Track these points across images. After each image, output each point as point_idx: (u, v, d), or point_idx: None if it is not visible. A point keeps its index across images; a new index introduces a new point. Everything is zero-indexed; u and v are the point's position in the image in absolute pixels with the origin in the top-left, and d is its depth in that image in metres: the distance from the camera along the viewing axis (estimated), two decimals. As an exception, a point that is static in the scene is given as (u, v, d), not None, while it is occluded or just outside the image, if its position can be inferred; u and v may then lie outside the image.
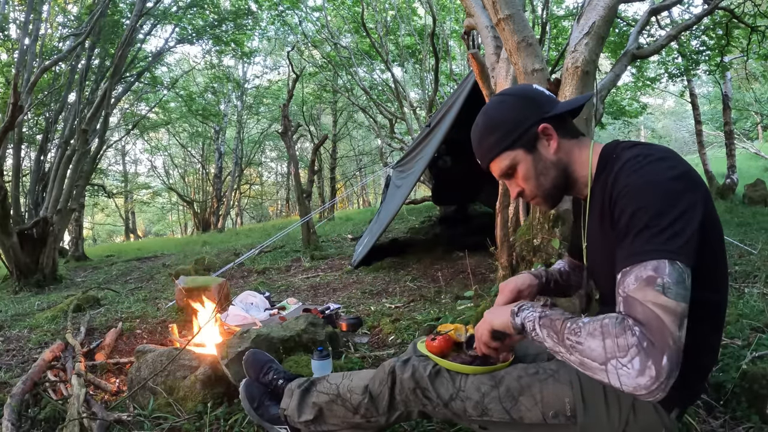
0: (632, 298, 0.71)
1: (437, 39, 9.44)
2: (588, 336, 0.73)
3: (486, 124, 0.98)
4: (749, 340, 1.77)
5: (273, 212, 25.34)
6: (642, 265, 0.72)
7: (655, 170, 0.78)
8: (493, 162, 0.99)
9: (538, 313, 0.86)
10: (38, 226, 5.19)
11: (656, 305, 0.69)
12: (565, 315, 0.83)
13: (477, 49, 2.96)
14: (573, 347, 0.76)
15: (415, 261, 4.72)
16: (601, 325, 0.72)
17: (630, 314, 0.71)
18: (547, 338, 0.82)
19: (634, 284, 0.72)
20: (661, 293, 0.69)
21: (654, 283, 0.70)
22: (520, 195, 1.00)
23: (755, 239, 4.25)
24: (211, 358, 1.78)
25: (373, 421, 1.10)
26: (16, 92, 4.12)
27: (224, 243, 9.05)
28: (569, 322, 0.79)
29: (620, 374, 0.68)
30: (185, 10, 8.59)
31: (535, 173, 0.95)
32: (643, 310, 0.69)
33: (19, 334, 2.96)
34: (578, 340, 0.75)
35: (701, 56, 7.51)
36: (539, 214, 2.53)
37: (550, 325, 0.82)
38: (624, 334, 0.69)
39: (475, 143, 1.01)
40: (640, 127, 24.29)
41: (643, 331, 0.68)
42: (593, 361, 0.72)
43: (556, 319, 0.82)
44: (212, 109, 13.67)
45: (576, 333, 0.76)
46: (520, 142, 0.94)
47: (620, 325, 0.70)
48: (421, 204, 9.94)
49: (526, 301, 0.94)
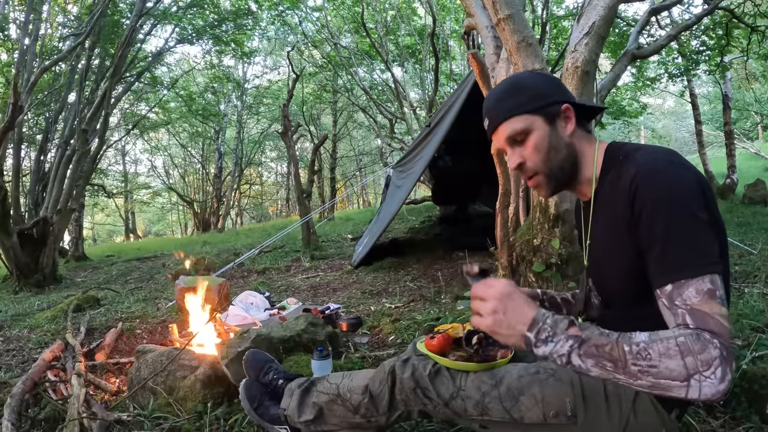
0: (701, 312, 0.72)
1: (437, 39, 9.45)
2: (663, 357, 0.70)
3: (511, 86, 0.96)
4: (749, 340, 1.77)
5: (273, 212, 25.34)
6: (700, 279, 0.73)
7: (681, 177, 0.80)
8: (506, 122, 0.93)
9: (570, 343, 0.75)
10: (38, 226, 5.19)
11: (722, 317, 0.72)
12: (609, 335, 0.75)
13: (477, 49, 2.96)
14: (644, 372, 0.71)
15: (415, 261, 4.72)
16: (677, 344, 0.70)
17: (704, 328, 0.71)
18: (595, 368, 0.74)
19: (697, 297, 0.73)
20: (722, 305, 0.73)
21: (715, 296, 0.73)
22: (519, 167, 0.95)
23: (755, 239, 4.25)
24: (211, 358, 1.78)
25: (373, 420, 1.10)
26: (16, 92, 4.12)
27: (224, 243, 9.05)
28: (625, 345, 0.73)
29: (703, 386, 0.68)
30: (185, 10, 8.59)
31: (548, 146, 0.92)
32: (715, 323, 0.71)
33: (19, 334, 2.96)
34: (651, 364, 0.70)
35: (701, 56, 7.52)
36: (539, 213, 2.53)
37: (599, 354, 0.73)
38: (706, 349, 0.69)
39: (491, 102, 0.96)
40: (640, 127, 24.28)
41: (722, 342, 0.69)
42: (673, 380, 0.69)
43: (604, 345, 0.74)
44: (212, 109, 13.67)
45: (645, 357, 0.71)
46: (542, 111, 0.92)
47: (699, 341, 0.69)
48: (421, 204, 9.94)
49: (540, 315, 0.79)
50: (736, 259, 3.54)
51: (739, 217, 5.96)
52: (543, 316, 0.78)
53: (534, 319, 0.78)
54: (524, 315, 0.79)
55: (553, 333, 0.76)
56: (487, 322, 0.80)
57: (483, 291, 0.82)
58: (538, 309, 0.80)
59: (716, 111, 16.30)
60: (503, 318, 0.79)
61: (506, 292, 0.81)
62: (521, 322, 0.78)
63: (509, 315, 0.79)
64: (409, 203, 9.49)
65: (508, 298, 0.80)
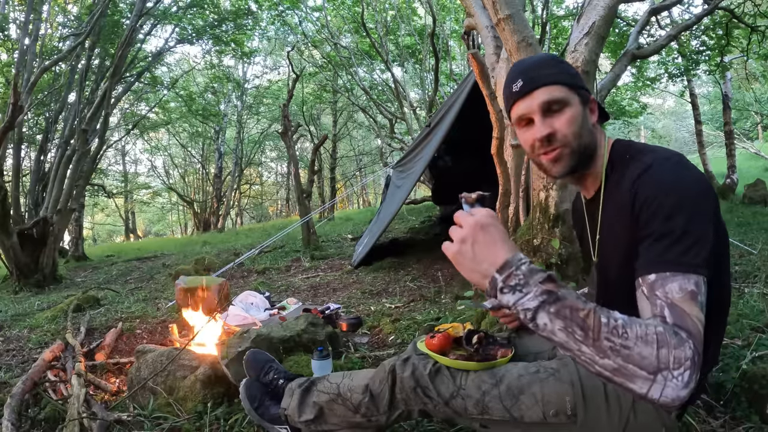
0: (681, 309, 0.69)
1: (437, 39, 9.45)
2: (639, 341, 0.65)
3: (555, 58, 0.96)
4: (749, 340, 1.77)
5: (273, 212, 25.34)
6: (686, 277, 0.72)
7: (684, 177, 0.80)
8: (547, 86, 0.89)
9: (542, 298, 0.68)
10: (38, 226, 5.19)
11: (700, 322, 0.69)
12: (587, 303, 0.69)
13: (477, 49, 2.96)
14: (615, 351, 0.65)
15: (415, 261, 4.72)
16: (656, 332, 0.65)
17: (681, 326, 0.68)
18: (561, 332, 0.68)
19: (679, 294, 0.70)
20: (701, 311, 0.70)
21: (696, 299, 0.71)
22: (548, 137, 0.89)
23: (755, 239, 4.25)
24: (211, 358, 1.78)
25: (373, 420, 1.10)
26: (16, 92, 4.12)
27: (224, 243, 9.05)
28: (603, 316, 0.67)
29: (667, 385, 0.64)
30: (185, 10, 8.59)
31: (581, 123, 0.91)
32: (693, 325, 0.68)
33: (19, 334, 2.96)
34: (625, 344, 0.65)
35: (701, 56, 7.52)
36: (539, 213, 2.53)
37: (571, 318, 0.67)
38: (682, 346, 0.65)
39: (531, 65, 0.93)
40: (640, 127, 24.28)
41: (696, 346, 0.66)
42: (641, 369, 0.64)
43: (580, 309, 0.67)
44: (212, 109, 13.67)
45: (621, 335, 0.65)
46: (579, 91, 0.92)
47: (677, 337, 0.66)
48: (421, 204, 9.94)
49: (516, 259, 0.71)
50: (736, 259, 3.54)
51: (739, 217, 5.96)
52: (518, 261, 0.71)
53: (507, 261, 0.70)
54: (495, 254, 0.72)
55: (525, 282, 0.69)
56: (452, 249, 0.74)
57: (462, 217, 0.76)
58: (516, 252, 0.72)
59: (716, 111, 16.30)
60: (469, 249, 0.73)
61: (483, 223, 0.73)
62: (489, 260, 0.72)
63: (478, 248, 0.73)
64: (409, 203, 9.49)
65: (483, 230, 0.73)
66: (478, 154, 4.60)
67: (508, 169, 2.73)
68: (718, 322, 0.90)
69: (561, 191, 2.46)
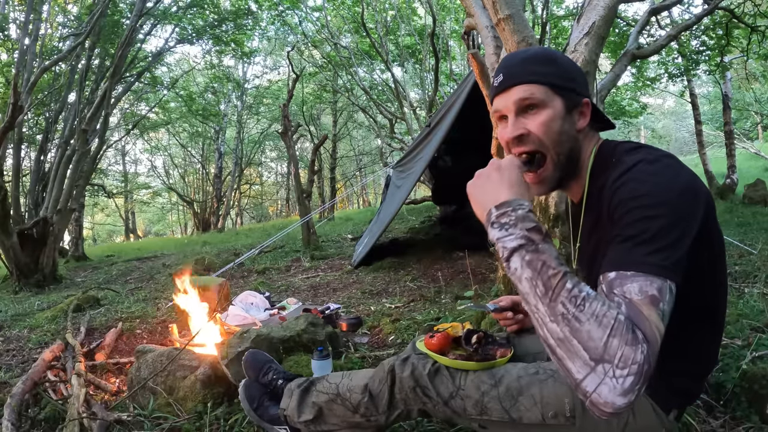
0: (638, 311, 0.64)
1: (437, 39, 9.45)
2: (593, 319, 0.62)
3: (544, 54, 0.88)
4: (749, 340, 1.76)
5: (273, 212, 25.35)
6: (648, 280, 0.66)
7: (665, 179, 0.74)
8: (525, 84, 0.85)
9: (521, 242, 0.69)
10: (38, 226, 5.19)
11: (657, 329, 0.64)
12: (562, 265, 0.67)
13: (477, 49, 2.95)
14: (566, 319, 0.63)
15: (415, 261, 4.72)
16: (615, 319, 0.61)
17: (638, 326, 0.62)
18: (526, 282, 0.67)
19: (639, 295, 0.65)
20: (661, 319, 0.65)
21: (657, 305, 0.65)
22: (519, 138, 0.86)
23: (755, 239, 4.25)
24: (211, 358, 1.78)
25: (373, 420, 1.10)
26: (16, 92, 4.12)
27: (224, 243, 9.05)
28: (569, 282, 0.65)
29: (604, 382, 0.60)
30: (185, 10, 8.59)
31: (558, 128, 0.85)
32: (650, 329, 0.63)
33: (19, 334, 2.96)
34: (578, 315, 0.62)
35: (701, 56, 7.51)
36: (539, 214, 2.53)
37: (539, 272, 0.66)
38: (635, 346, 0.60)
39: (515, 60, 0.88)
40: (640, 127, 24.29)
41: (649, 354, 0.61)
42: (584, 350, 0.61)
43: (551, 267, 0.66)
44: (212, 109, 13.67)
45: (578, 305, 0.63)
46: (564, 93, 0.86)
47: (633, 334, 0.61)
48: (421, 204, 9.94)
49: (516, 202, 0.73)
50: (736, 259, 3.54)
51: (739, 217, 5.96)
52: (518, 205, 0.73)
53: (507, 201, 0.74)
54: (501, 192, 0.75)
55: (513, 223, 0.71)
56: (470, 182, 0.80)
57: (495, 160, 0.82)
58: (521, 198, 0.74)
59: (716, 111, 16.29)
60: (482, 183, 0.79)
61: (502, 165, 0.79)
62: (494, 196, 0.75)
63: (489, 184, 0.78)
64: (409, 203, 9.49)
65: (499, 170, 0.78)
66: (478, 154, 4.59)
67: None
68: (715, 323, 0.90)
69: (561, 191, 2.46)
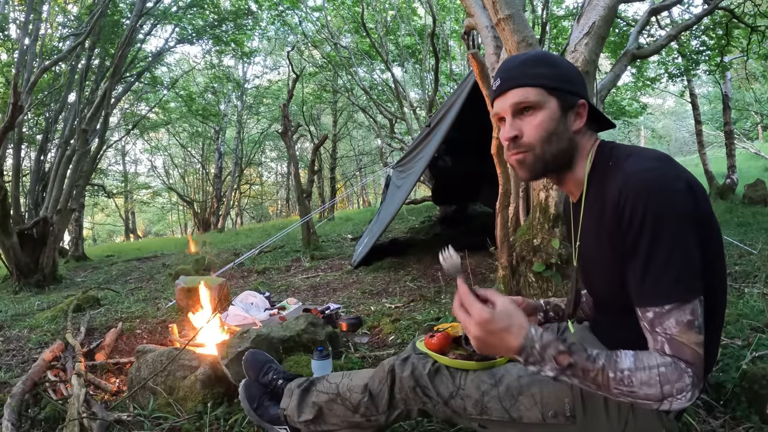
0: (679, 342, 0.76)
1: (437, 39, 9.44)
2: (644, 386, 0.75)
3: (541, 57, 0.93)
4: (749, 340, 1.76)
5: (273, 212, 25.35)
6: (681, 309, 0.76)
7: (669, 189, 0.77)
8: (521, 87, 0.88)
9: (557, 369, 0.78)
10: (38, 226, 5.19)
11: (698, 345, 0.76)
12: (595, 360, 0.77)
13: (477, 49, 2.95)
14: (623, 394, 0.77)
15: (415, 261, 4.72)
16: (659, 374, 0.75)
17: (680, 357, 0.76)
18: (580, 384, 0.80)
19: (676, 328, 0.76)
20: (699, 333, 0.76)
21: (693, 326, 0.76)
22: (513, 140, 0.90)
23: (755, 239, 4.25)
24: (211, 358, 1.78)
25: (373, 419, 1.10)
26: (16, 92, 4.12)
27: (224, 243, 9.05)
28: (610, 371, 0.76)
29: (674, 404, 0.75)
30: (185, 10, 8.59)
31: (552, 130, 0.88)
32: (691, 353, 0.76)
33: (19, 334, 2.96)
34: (631, 390, 0.76)
35: (701, 56, 7.51)
36: (539, 213, 2.53)
37: (584, 377, 0.78)
38: (682, 378, 0.74)
39: (513, 64, 0.92)
40: (640, 127, 24.29)
41: (694, 371, 0.75)
42: (648, 401, 0.76)
43: (590, 371, 0.77)
44: (212, 109, 13.67)
45: (627, 384, 0.76)
46: (560, 95, 0.88)
47: (677, 372, 0.75)
48: (421, 204, 9.94)
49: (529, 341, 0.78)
50: (736, 259, 3.54)
51: (739, 217, 5.95)
52: (531, 342, 0.78)
53: (521, 347, 0.78)
54: (510, 343, 0.79)
55: (541, 359, 0.78)
56: (474, 345, 0.83)
57: (466, 318, 0.81)
58: (525, 335, 0.78)
59: (716, 111, 16.29)
60: (486, 346, 0.81)
61: (484, 322, 0.79)
62: (507, 348, 0.80)
63: (493, 342, 0.80)
64: (409, 203, 9.49)
65: (487, 330, 0.79)
66: (478, 154, 4.60)
67: (508, 169, 2.73)
68: (714, 323, 0.90)
69: (561, 191, 2.46)
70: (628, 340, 0.83)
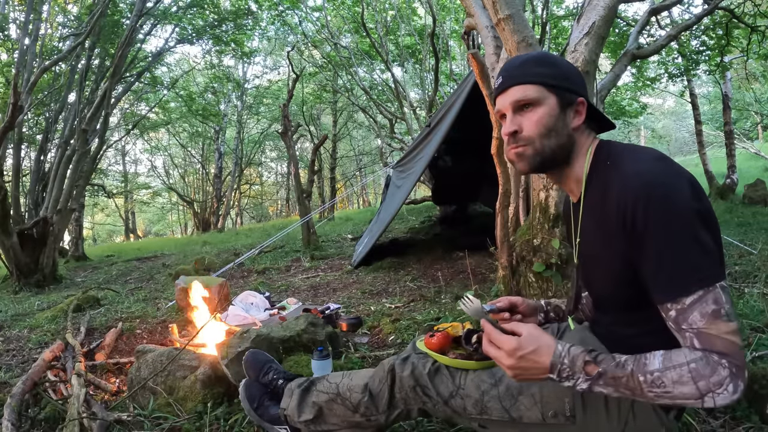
0: (707, 334, 0.74)
1: (437, 39, 9.44)
2: (677, 384, 0.74)
3: (542, 56, 0.95)
4: (749, 340, 1.77)
5: (273, 212, 25.35)
6: (703, 300, 0.74)
7: (671, 186, 0.77)
8: (521, 85, 0.91)
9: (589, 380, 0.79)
10: (38, 226, 5.19)
11: (729, 333, 0.73)
12: (624, 365, 0.77)
13: (477, 49, 2.95)
14: (660, 396, 0.76)
15: (415, 261, 4.72)
16: (689, 370, 0.73)
17: (711, 349, 0.74)
18: (615, 393, 0.80)
19: (702, 320, 0.74)
20: (728, 321, 0.74)
21: (720, 314, 0.74)
22: (513, 134, 0.93)
23: (755, 239, 4.25)
24: (211, 358, 1.78)
25: (373, 419, 1.10)
26: (16, 92, 4.12)
27: (224, 243, 9.05)
28: (640, 375, 0.76)
29: (717, 400, 0.73)
30: (185, 10, 8.59)
31: (551, 125, 0.90)
32: (723, 343, 0.73)
33: (19, 334, 2.96)
34: (666, 391, 0.75)
35: (701, 56, 7.51)
36: (539, 213, 2.53)
37: (617, 384, 0.78)
38: (716, 371, 0.72)
39: (515, 63, 0.95)
40: (640, 127, 24.29)
41: (730, 361, 0.72)
42: (688, 399, 0.74)
43: (620, 377, 0.77)
44: (212, 109, 13.66)
45: (660, 385, 0.75)
46: (559, 93, 0.91)
47: (709, 365, 0.73)
48: (421, 204, 9.94)
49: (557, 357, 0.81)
50: (736, 259, 3.54)
51: (739, 217, 5.96)
52: (560, 358, 0.81)
53: (552, 364, 0.81)
54: (542, 364, 0.82)
55: (572, 372, 0.80)
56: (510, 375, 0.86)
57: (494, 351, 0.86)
58: (553, 352, 0.81)
59: (716, 111, 16.29)
60: (522, 372, 0.84)
61: (514, 350, 0.83)
62: (540, 370, 0.82)
63: (527, 367, 0.83)
64: (409, 203, 9.49)
65: (519, 357, 0.83)
66: (478, 154, 4.60)
67: (508, 169, 2.73)
68: None
69: (561, 191, 2.46)
70: (628, 340, 0.83)
